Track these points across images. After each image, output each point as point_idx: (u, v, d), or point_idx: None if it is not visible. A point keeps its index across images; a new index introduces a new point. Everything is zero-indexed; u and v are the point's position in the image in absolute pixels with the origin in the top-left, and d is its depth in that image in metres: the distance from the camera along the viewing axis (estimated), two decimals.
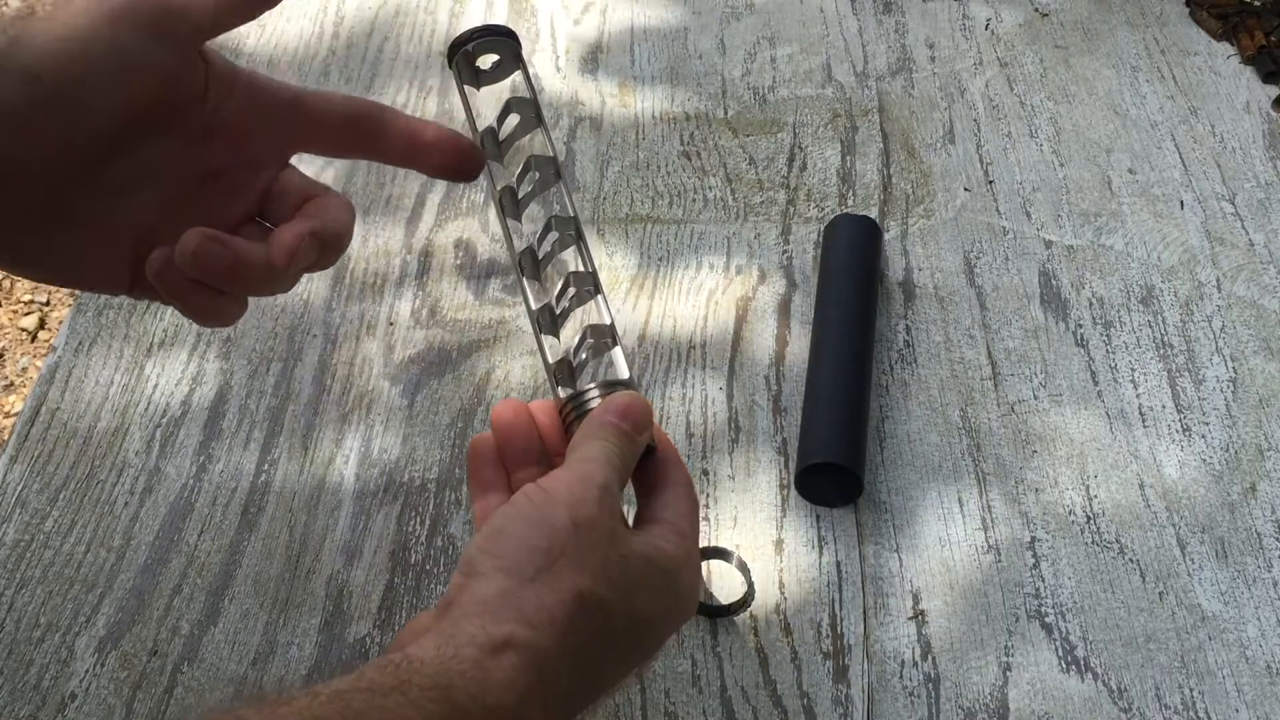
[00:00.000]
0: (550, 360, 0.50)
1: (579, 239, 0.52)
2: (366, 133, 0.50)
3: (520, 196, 0.52)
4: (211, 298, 0.46)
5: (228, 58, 0.47)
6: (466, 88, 0.54)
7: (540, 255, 0.52)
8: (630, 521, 0.49)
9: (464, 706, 0.38)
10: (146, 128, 0.44)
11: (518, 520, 0.44)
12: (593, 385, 0.49)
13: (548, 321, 0.51)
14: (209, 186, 0.47)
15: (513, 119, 0.53)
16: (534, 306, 0.51)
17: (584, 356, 0.51)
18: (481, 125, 0.53)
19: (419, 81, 0.92)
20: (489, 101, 0.58)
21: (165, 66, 0.44)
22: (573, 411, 0.49)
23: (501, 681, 0.39)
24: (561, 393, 0.50)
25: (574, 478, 0.45)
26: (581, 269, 0.51)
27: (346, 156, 0.51)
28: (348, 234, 0.49)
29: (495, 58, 0.54)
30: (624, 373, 0.50)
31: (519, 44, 0.54)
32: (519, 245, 0.51)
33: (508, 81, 0.54)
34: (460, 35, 0.53)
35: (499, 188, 0.52)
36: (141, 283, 0.47)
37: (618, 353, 0.51)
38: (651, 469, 0.50)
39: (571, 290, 0.51)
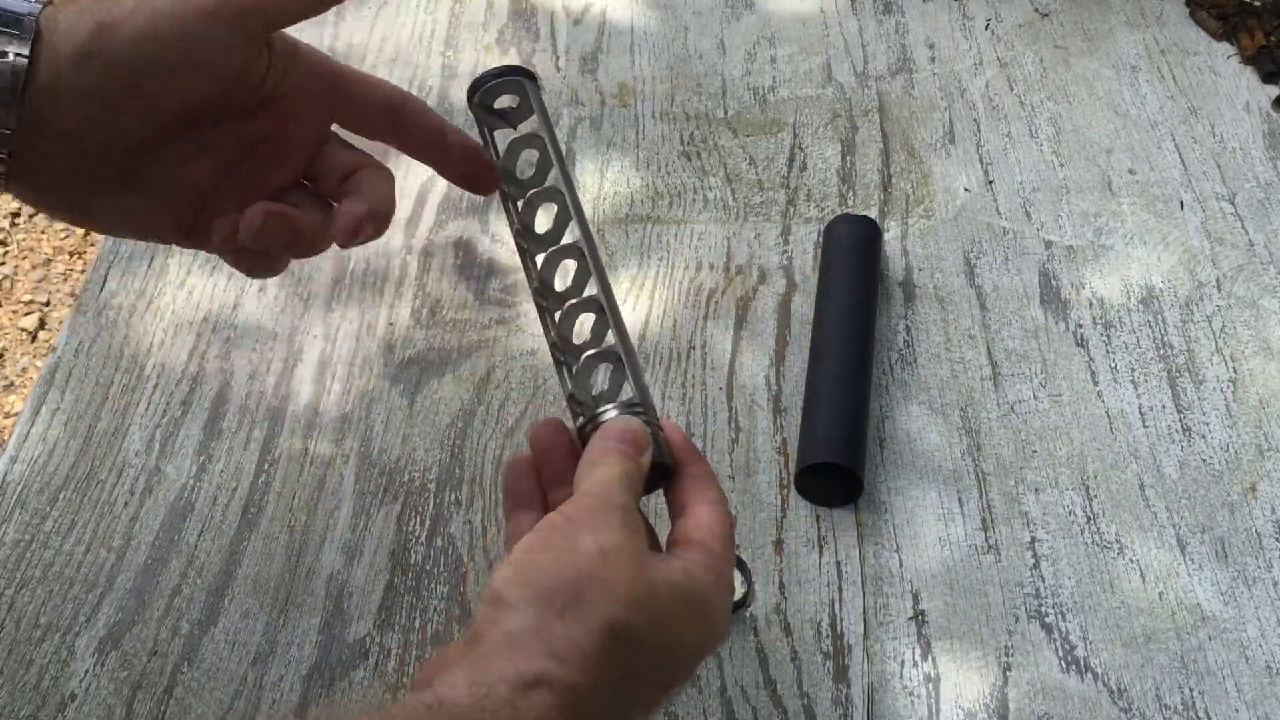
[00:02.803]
0: (569, 387, 0.50)
1: (588, 258, 0.52)
2: (397, 122, 0.52)
3: (540, 233, 0.53)
4: (265, 259, 0.52)
5: (288, 36, 0.50)
6: (486, 128, 0.54)
7: (556, 285, 0.52)
8: (664, 544, 0.49)
9: None
10: (212, 109, 0.48)
11: (545, 550, 0.43)
12: (610, 406, 0.49)
13: (564, 348, 0.51)
14: (259, 152, 0.51)
15: (530, 155, 0.53)
16: (553, 337, 0.51)
17: (603, 386, 0.51)
18: (501, 164, 0.53)
19: (418, 81, 0.92)
20: (505, 139, 0.58)
21: (238, 59, 0.47)
22: (592, 432, 0.49)
23: None
24: (580, 415, 0.50)
25: (595, 504, 0.45)
26: (592, 293, 0.52)
27: (378, 140, 0.54)
28: (393, 206, 0.52)
29: (514, 99, 0.54)
30: (634, 394, 0.50)
31: (537, 84, 0.54)
32: (534, 278, 0.52)
33: (528, 121, 0.54)
34: (479, 76, 0.54)
35: (515, 227, 0.53)
36: (191, 236, 0.51)
37: (629, 373, 0.51)
38: (683, 488, 0.50)
39: (582, 316, 0.52)
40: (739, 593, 0.61)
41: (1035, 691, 0.59)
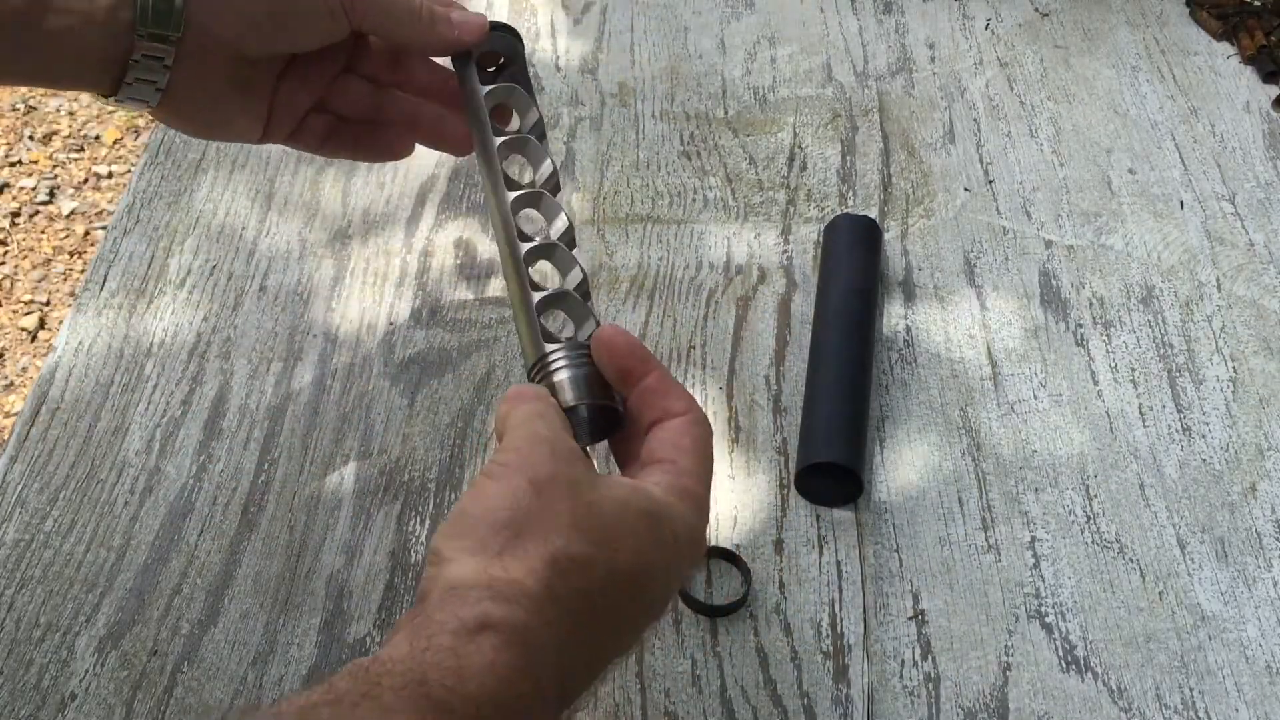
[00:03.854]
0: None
1: (500, 232, 0.53)
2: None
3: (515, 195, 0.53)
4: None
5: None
6: (469, 86, 0.54)
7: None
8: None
9: (442, 700, 0.36)
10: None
11: (478, 499, 0.42)
12: (558, 347, 0.49)
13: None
14: (311, 56, 0.59)
15: (512, 115, 0.54)
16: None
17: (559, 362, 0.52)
18: (483, 122, 0.53)
19: None
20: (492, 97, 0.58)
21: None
22: (540, 377, 0.49)
23: (480, 666, 0.37)
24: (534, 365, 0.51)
25: (519, 443, 0.43)
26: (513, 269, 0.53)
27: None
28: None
29: (499, 57, 0.54)
30: (535, 354, 0.50)
31: (521, 42, 0.54)
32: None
33: (510, 78, 0.55)
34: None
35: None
36: (268, 134, 0.60)
37: (521, 333, 0.51)
38: (639, 407, 0.48)
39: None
40: (739, 593, 0.61)
41: (1035, 691, 0.59)
